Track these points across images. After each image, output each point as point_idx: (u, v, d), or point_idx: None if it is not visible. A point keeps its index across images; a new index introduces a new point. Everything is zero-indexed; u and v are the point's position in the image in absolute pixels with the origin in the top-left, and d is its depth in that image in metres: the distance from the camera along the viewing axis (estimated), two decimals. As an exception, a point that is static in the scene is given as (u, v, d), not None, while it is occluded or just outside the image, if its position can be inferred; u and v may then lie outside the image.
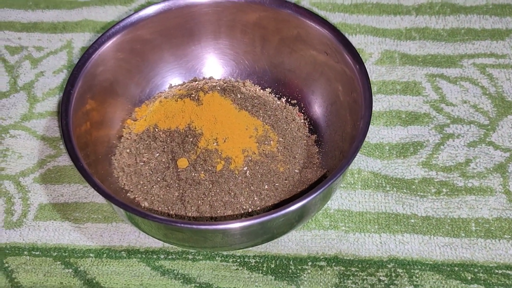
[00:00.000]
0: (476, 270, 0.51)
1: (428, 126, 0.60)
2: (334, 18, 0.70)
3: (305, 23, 0.57)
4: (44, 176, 0.58)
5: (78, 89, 0.53)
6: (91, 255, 0.53)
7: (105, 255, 0.53)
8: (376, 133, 0.60)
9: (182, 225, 0.44)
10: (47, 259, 0.53)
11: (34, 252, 0.53)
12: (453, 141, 0.59)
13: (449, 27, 0.68)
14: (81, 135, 0.52)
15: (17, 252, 0.53)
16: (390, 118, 0.61)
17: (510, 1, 0.70)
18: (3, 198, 0.57)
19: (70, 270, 0.52)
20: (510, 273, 0.50)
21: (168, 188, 0.54)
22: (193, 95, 0.57)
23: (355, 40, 0.68)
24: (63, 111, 0.51)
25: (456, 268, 0.51)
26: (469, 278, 0.50)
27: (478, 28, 0.68)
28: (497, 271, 0.51)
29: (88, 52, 0.54)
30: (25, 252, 0.53)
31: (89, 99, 0.54)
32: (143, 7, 0.67)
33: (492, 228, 0.53)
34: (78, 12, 0.73)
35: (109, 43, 0.56)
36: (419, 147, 0.58)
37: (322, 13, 0.71)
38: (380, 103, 0.62)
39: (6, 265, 0.53)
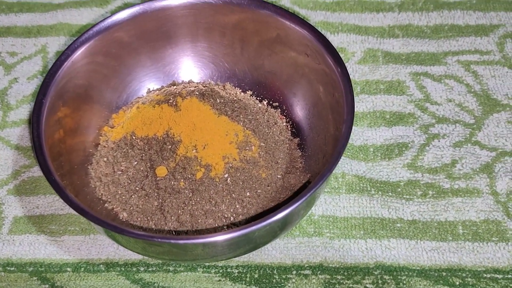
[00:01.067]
0: (464, 274, 0.50)
1: (413, 126, 0.59)
2: (316, 17, 0.68)
3: (284, 24, 0.55)
4: (19, 188, 0.56)
5: (51, 97, 0.51)
6: (68, 269, 0.51)
7: (82, 269, 0.51)
8: (360, 135, 0.59)
9: (161, 240, 0.42)
10: (22, 275, 0.51)
11: (9, 268, 0.51)
12: (439, 141, 0.57)
13: (432, 23, 0.67)
14: (54, 144, 0.50)
15: (-9, 268, 0.52)
16: (374, 118, 0.60)
17: (494, -5, 0.69)
18: (-24, 212, 0.55)
19: (47, 285, 0.50)
20: (499, 277, 0.49)
21: (147, 197, 0.52)
22: (171, 101, 0.55)
23: (337, 39, 0.66)
24: (34, 122, 0.49)
25: (444, 273, 0.50)
26: (457, 283, 0.49)
27: (462, 24, 0.67)
28: (485, 275, 0.50)
29: (60, 59, 0.52)
30: (0, 268, 0.51)
31: (62, 106, 0.52)
32: (119, 9, 0.65)
33: (480, 230, 0.52)
34: (53, 15, 0.71)
35: (82, 49, 0.54)
36: (404, 149, 0.57)
37: (303, 11, 0.69)
38: (363, 103, 0.61)
39: (-20, 282, 0.51)
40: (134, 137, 0.55)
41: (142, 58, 0.59)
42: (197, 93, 0.56)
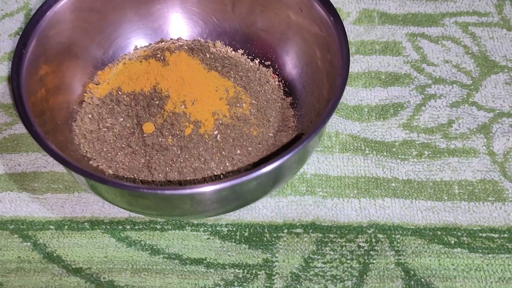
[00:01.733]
0: (459, 233, 0.48)
1: (409, 87, 0.57)
2: (310, -23, 0.66)
3: (278, -23, 0.53)
4: (0, 145, 0.54)
5: (31, 50, 0.49)
6: (51, 227, 0.49)
7: (66, 226, 0.49)
8: (354, 95, 0.57)
9: (146, 190, 0.40)
10: (3, 232, 0.49)
11: (-11, 226, 0.50)
12: (435, 101, 0.56)
13: (429, -16, 0.65)
14: (36, 102, 0.48)
15: (-30, 225, 0.50)
16: (369, 79, 0.58)
17: (492, -43, 0.67)
18: (-45, 169, 0.53)
19: (29, 243, 0.49)
20: (494, 236, 0.48)
21: (133, 154, 0.50)
22: (158, 55, 0.53)
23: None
24: (14, 72, 0.46)
25: (439, 232, 0.48)
26: (453, 242, 0.48)
27: (460, -15, 0.65)
28: (481, 234, 0.48)
29: (41, 9, 0.50)
30: (-21, 226, 0.50)
31: (44, 62, 0.50)
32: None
33: (476, 190, 0.51)
34: (37, -27, 0.68)
35: (65, 0, 0.51)
36: (399, 109, 0.56)
37: (297, -29, 0.67)
38: (358, 64, 0.59)
39: (-41, 240, 0.49)
40: (120, 93, 0.52)
41: (128, 13, 0.57)
42: (186, 47, 0.54)
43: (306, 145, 0.43)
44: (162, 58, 0.53)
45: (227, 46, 0.59)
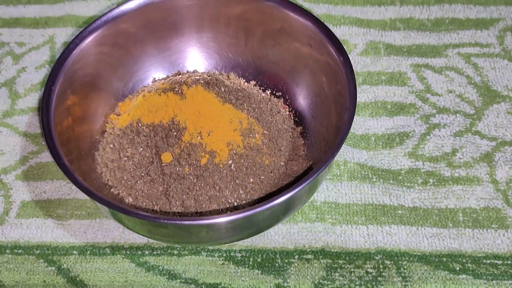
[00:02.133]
0: (464, 260, 0.50)
1: (414, 116, 0.60)
2: (318, 10, 0.69)
3: (288, 15, 0.56)
4: (27, 173, 0.57)
5: (59, 85, 0.52)
6: (74, 252, 0.52)
7: (88, 252, 0.52)
8: (361, 124, 0.60)
9: (166, 221, 0.43)
10: (29, 257, 0.52)
11: (16, 251, 0.53)
12: (439, 131, 0.58)
13: (433, 17, 0.68)
14: (63, 131, 0.51)
15: (-1, 251, 0.53)
16: (376, 108, 0.61)
17: (494, -10, 0.70)
18: (-15, 197, 0.56)
19: (53, 268, 0.51)
20: (498, 262, 0.50)
21: (152, 183, 0.53)
22: (176, 89, 0.56)
23: (340, 31, 0.67)
24: (44, 108, 0.50)
25: (444, 259, 0.51)
26: (458, 268, 0.50)
27: (462, 18, 0.68)
28: (485, 261, 0.50)
29: (69, 48, 0.54)
30: (7, 251, 0.53)
31: (71, 94, 0.54)
32: (125, 1, 0.66)
33: (480, 217, 0.53)
34: (61, 7, 0.72)
35: (90, 38, 0.55)
36: (405, 138, 0.58)
37: (306, 4, 0.70)
38: (365, 94, 0.62)
39: (-12, 264, 0.52)
40: (140, 124, 0.55)
41: (148, 48, 0.60)
42: (202, 81, 0.57)
43: (317, 176, 0.46)
44: (179, 91, 0.56)
45: (240, 78, 0.62)
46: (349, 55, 0.63)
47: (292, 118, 0.59)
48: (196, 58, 0.62)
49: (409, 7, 0.69)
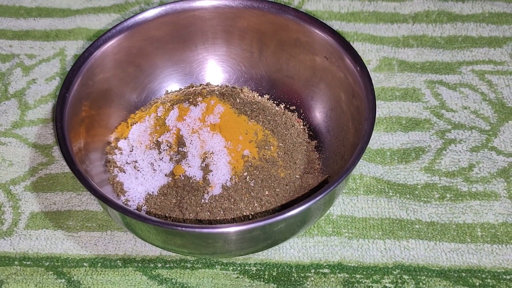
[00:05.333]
0: (484, 276, 0.49)
1: (429, 131, 0.59)
2: (331, 26, 0.69)
3: (305, 27, 0.56)
4: (36, 184, 0.56)
5: (74, 93, 0.51)
6: (85, 264, 0.51)
7: (99, 264, 0.51)
8: (377, 139, 0.59)
9: (183, 229, 0.42)
10: (38, 269, 0.51)
11: (25, 262, 0.51)
12: (455, 146, 0.58)
13: (446, 34, 0.68)
14: (76, 141, 0.50)
15: (7, 262, 0.51)
16: (391, 124, 0.60)
17: (506, 9, 0.70)
18: (-7, 207, 0.55)
19: (63, 280, 0.50)
20: (519, 278, 0.49)
21: (165, 195, 0.52)
22: (191, 100, 0.56)
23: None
24: (58, 114, 0.49)
25: (464, 274, 0.49)
26: (477, 284, 0.49)
27: (475, 36, 0.68)
28: (505, 276, 0.49)
29: (83, 56, 0.53)
30: (16, 262, 0.51)
31: (85, 104, 0.53)
32: (136, 14, 0.66)
33: (498, 233, 0.52)
34: (71, 20, 0.72)
35: (105, 47, 0.54)
36: (421, 153, 0.58)
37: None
38: (380, 109, 0.61)
39: (-4, 275, 0.50)
40: (153, 136, 0.55)
41: (161, 60, 0.60)
42: (217, 92, 0.57)
43: (334, 188, 0.45)
44: (194, 102, 0.55)
45: (253, 92, 0.61)
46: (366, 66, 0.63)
47: (307, 132, 0.58)
48: (209, 71, 0.62)
49: (421, 25, 0.69)
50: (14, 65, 0.67)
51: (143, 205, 0.52)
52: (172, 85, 0.61)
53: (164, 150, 0.53)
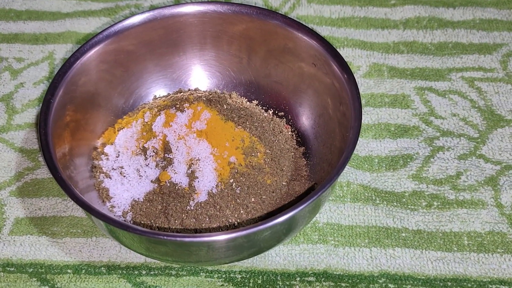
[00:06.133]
0: (469, 285, 0.49)
1: (418, 139, 0.59)
2: (322, 32, 0.69)
3: (293, 34, 0.56)
4: (21, 189, 0.56)
5: (59, 98, 0.51)
6: (69, 271, 0.51)
7: (83, 271, 0.51)
8: (365, 146, 0.59)
9: (166, 237, 0.42)
10: (22, 276, 0.50)
11: (8, 268, 0.51)
12: (443, 153, 0.58)
13: (436, 41, 0.68)
14: (60, 146, 0.50)
15: (-10, 268, 0.51)
16: (379, 130, 0.60)
17: (497, 16, 0.70)
18: (-22, 212, 0.54)
19: (47, 287, 0.50)
20: (504, 288, 0.49)
21: (150, 201, 0.52)
22: (177, 106, 0.55)
23: (343, 53, 0.67)
24: (42, 121, 0.49)
25: (449, 283, 0.49)
26: (463, 293, 0.49)
27: (465, 42, 0.68)
28: (491, 286, 0.49)
29: (69, 61, 0.53)
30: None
31: (70, 109, 0.53)
32: (127, 17, 0.65)
33: (485, 242, 0.52)
34: (61, 24, 0.71)
35: (91, 53, 0.54)
36: (409, 160, 0.57)
37: (309, 26, 0.70)
38: (368, 115, 0.61)
39: (-21, 282, 0.50)
40: (139, 142, 0.54)
41: (149, 65, 0.60)
42: (204, 98, 0.56)
43: (320, 195, 0.44)
44: (181, 108, 0.55)
45: (242, 97, 0.61)
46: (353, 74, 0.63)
47: (295, 138, 0.58)
48: (198, 76, 0.61)
49: (412, 31, 0.69)
50: (2, 69, 0.67)
51: (129, 211, 0.52)
52: (160, 90, 0.61)
53: (150, 156, 0.53)
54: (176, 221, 0.50)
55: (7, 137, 0.60)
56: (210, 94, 0.59)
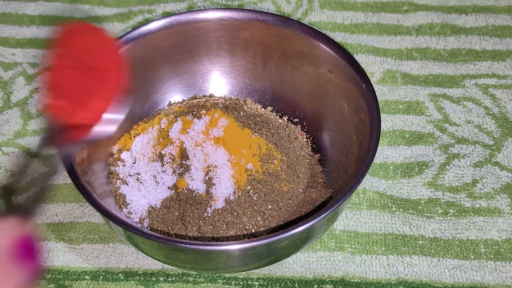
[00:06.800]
0: (487, 293, 0.49)
1: (433, 146, 0.59)
2: (335, 38, 0.69)
3: (309, 41, 0.56)
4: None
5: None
6: (86, 277, 0.51)
7: (101, 277, 0.51)
8: (380, 153, 0.59)
9: (187, 245, 0.42)
10: (40, 282, 0.50)
11: (26, 275, 0.51)
12: (459, 161, 0.58)
13: (450, 47, 0.68)
14: (79, 153, 0.50)
15: (8, 274, 0.51)
16: (394, 137, 0.60)
17: (510, 22, 0.70)
18: (-6, 218, 0.54)
19: (65, 293, 0.50)
20: (522, 296, 0.49)
21: (168, 208, 0.52)
22: (194, 112, 0.56)
23: (357, 60, 0.67)
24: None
25: (467, 291, 0.49)
26: (481, 301, 0.49)
27: (479, 49, 0.68)
28: (508, 294, 0.49)
29: (87, 67, 0.53)
30: (17, 275, 0.51)
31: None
32: (140, 24, 0.66)
33: (502, 250, 0.52)
34: (74, 29, 0.71)
35: (108, 59, 0.54)
36: (424, 167, 0.57)
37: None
38: (383, 122, 0.61)
39: (-3, 288, 0.50)
40: (156, 148, 0.55)
41: (165, 71, 0.60)
42: (221, 105, 0.56)
43: (340, 205, 0.44)
44: (198, 115, 0.55)
45: (256, 103, 0.61)
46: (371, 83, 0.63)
47: (310, 145, 0.58)
48: (213, 82, 0.62)
49: (425, 37, 0.69)
50: (17, 74, 0.67)
51: (146, 217, 0.52)
52: (175, 96, 0.61)
53: (167, 163, 0.53)
54: (193, 228, 0.50)
55: (23, 142, 0.60)
56: (227, 101, 0.59)
